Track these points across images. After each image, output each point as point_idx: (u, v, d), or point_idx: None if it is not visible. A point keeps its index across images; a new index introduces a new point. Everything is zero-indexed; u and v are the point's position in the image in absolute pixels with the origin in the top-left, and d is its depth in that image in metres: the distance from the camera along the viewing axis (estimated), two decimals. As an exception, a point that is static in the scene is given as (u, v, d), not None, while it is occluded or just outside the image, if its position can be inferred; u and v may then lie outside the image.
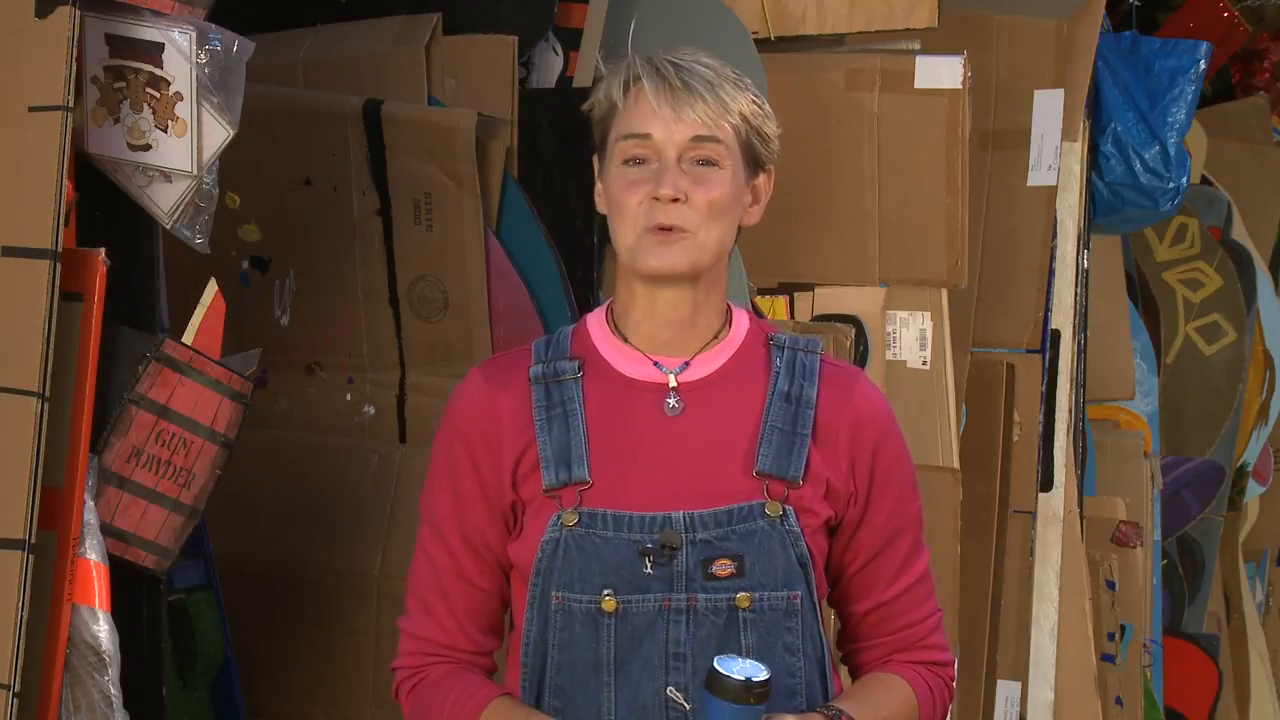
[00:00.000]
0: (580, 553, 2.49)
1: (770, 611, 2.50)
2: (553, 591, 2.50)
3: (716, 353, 2.57)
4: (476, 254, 3.63)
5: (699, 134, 2.50)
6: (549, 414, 2.53)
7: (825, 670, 2.56)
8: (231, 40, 2.85)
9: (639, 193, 2.50)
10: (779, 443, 2.52)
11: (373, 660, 3.64)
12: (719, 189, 2.51)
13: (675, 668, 2.48)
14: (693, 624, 2.49)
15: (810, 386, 2.55)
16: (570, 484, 2.51)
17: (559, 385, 2.55)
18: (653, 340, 2.56)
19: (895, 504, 2.60)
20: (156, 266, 2.99)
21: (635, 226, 2.50)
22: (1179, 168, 4.93)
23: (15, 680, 2.66)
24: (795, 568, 2.51)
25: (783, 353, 2.58)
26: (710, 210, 2.50)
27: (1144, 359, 5.78)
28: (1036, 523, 4.71)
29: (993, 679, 4.63)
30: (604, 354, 2.57)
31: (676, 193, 2.48)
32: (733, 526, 2.50)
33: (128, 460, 2.86)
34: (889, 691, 2.59)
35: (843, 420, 2.56)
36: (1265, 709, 6.65)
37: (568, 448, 2.51)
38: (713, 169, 2.51)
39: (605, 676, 2.49)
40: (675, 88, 2.50)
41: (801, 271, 4.15)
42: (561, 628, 2.50)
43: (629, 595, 2.48)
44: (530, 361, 2.57)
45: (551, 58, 3.84)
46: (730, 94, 2.52)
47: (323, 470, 3.73)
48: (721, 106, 2.50)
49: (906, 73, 4.10)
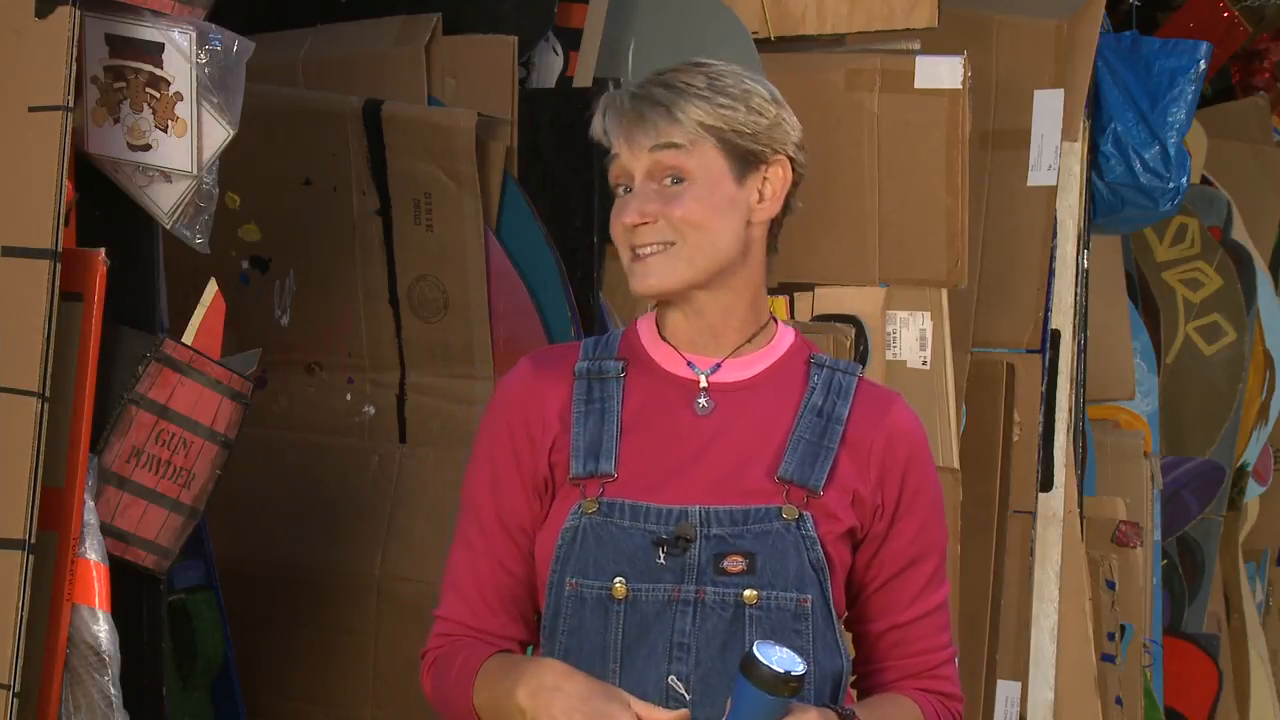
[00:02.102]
0: (597, 540, 2.51)
1: (778, 611, 2.50)
2: (567, 578, 2.52)
3: (753, 359, 2.58)
4: (476, 254, 3.63)
5: (657, 144, 2.51)
6: (587, 408, 2.56)
7: (840, 684, 2.55)
8: (231, 40, 2.85)
9: (619, 219, 2.55)
10: (804, 452, 2.53)
11: (373, 660, 3.64)
12: (689, 205, 2.51)
13: (678, 658, 2.49)
14: (699, 616, 2.50)
15: (844, 405, 2.56)
16: (595, 475, 2.53)
17: (601, 382, 2.57)
18: (689, 340, 2.58)
19: (922, 525, 2.60)
20: (156, 266, 2.99)
21: (624, 251, 2.55)
22: (1179, 168, 4.93)
23: (15, 680, 2.66)
24: (808, 572, 2.51)
25: (821, 371, 2.59)
26: (687, 224, 2.51)
27: (1144, 359, 5.78)
28: (1036, 523, 4.71)
29: (993, 679, 4.63)
30: (649, 350, 2.60)
31: (642, 218, 2.51)
32: (748, 526, 2.51)
33: (128, 460, 2.86)
34: (902, 711, 2.60)
35: (876, 434, 2.57)
36: (1265, 709, 6.66)
37: (599, 440, 2.54)
38: (682, 185, 2.52)
39: (611, 663, 2.50)
40: (625, 113, 2.53)
41: (801, 271, 4.15)
42: (572, 613, 2.52)
43: (640, 584, 2.50)
44: (578, 356, 2.60)
45: (551, 58, 3.84)
46: (692, 102, 2.51)
47: (323, 470, 3.73)
48: (673, 122, 2.51)
49: (906, 73, 4.10)
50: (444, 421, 3.67)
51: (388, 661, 3.61)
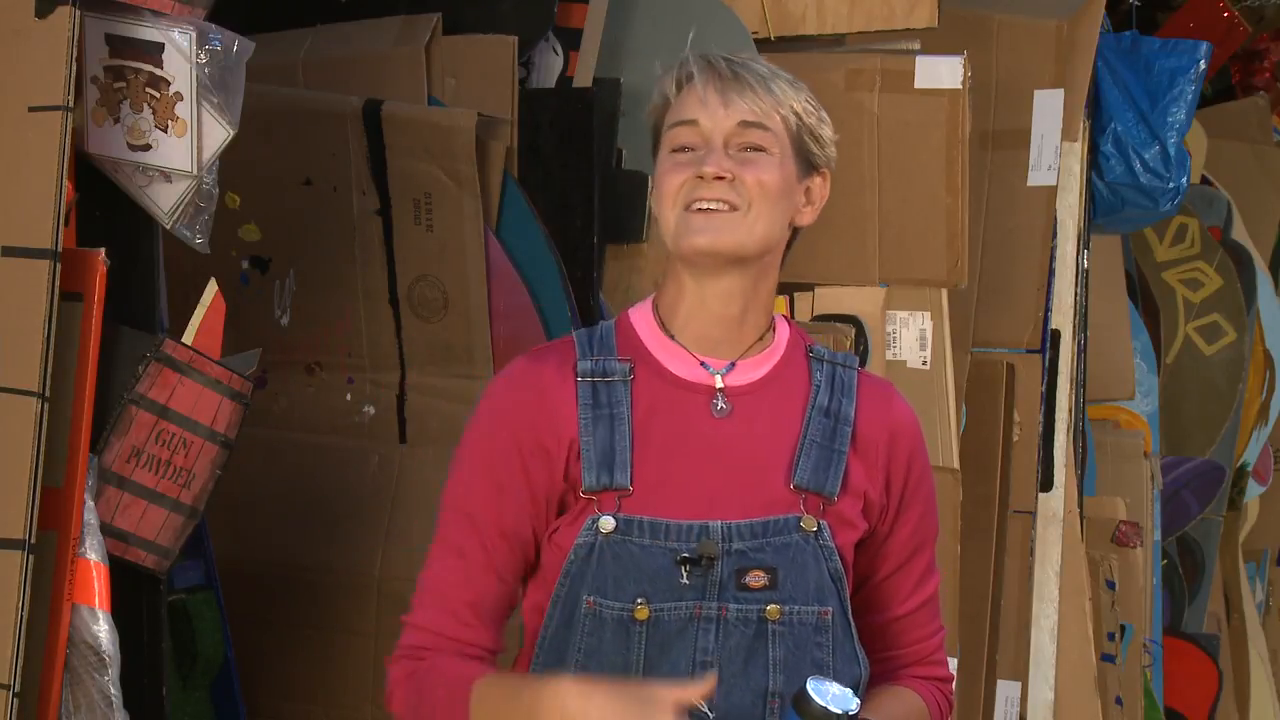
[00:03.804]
0: (615, 559, 2.46)
1: (800, 626, 2.49)
2: (584, 595, 2.47)
3: (762, 358, 2.55)
4: (476, 254, 3.63)
5: (746, 119, 2.49)
6: (595, 414, 2.49)
7: (859, 691, 2.53)
8: (231, 40, 2.85)
9: (683, 174, 2.48)
10: (817, 457, 2.52)
11: (373, 660, 3.64)
12: (768, 172, 2.49)
13: (701, 675, 2.45)
14: (722, 633, 2.47)
15: (849, 403, 2.55)
16: (611, 489, 2.48)
17: (607, 385, 2.51)
18: (701, 339, 2.53)
19: (922, 516, 2.61)
20: (156, 266, 2.99)
21: (675, 206, 2.48)
22: (1179, 168, 4.93)
23: (15, 680, 2.66)
24: (828, 583, 2.50)
25: (823, 366, 2.57)
26: (760, 190, 2.48)
27: (1144, 359, 5.78)
28: (1036, 523, 4.71)
29: (993, 679, 4.63)
30: (653, 352, 2.54)
31: (721, 171, 2.47)
32: (768, 539, 2.48)
33: (128, 460, 2.86)
34: (906, 707, 2.60)
35: (881, 433, 2.56)
36: (1265, 709, 6.65)
37: (611, 451, 2.48)
38: (761, 154, 2.50)
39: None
40: (725, 77, 2.50)
41: (801, 271, 4.15)
42: (590, 633, 2.48)
43: (662, 603, 2.46)
44: (574, 355, 2.53)
45: (551, 58, 3.84)
46: (783, 89, 2.52)
47: (323, 470, 3.73)
48: (772, 98, 2.50)
49: (906, 73, 4.10)
50: (444, 421, 3.67)
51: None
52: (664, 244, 2.53)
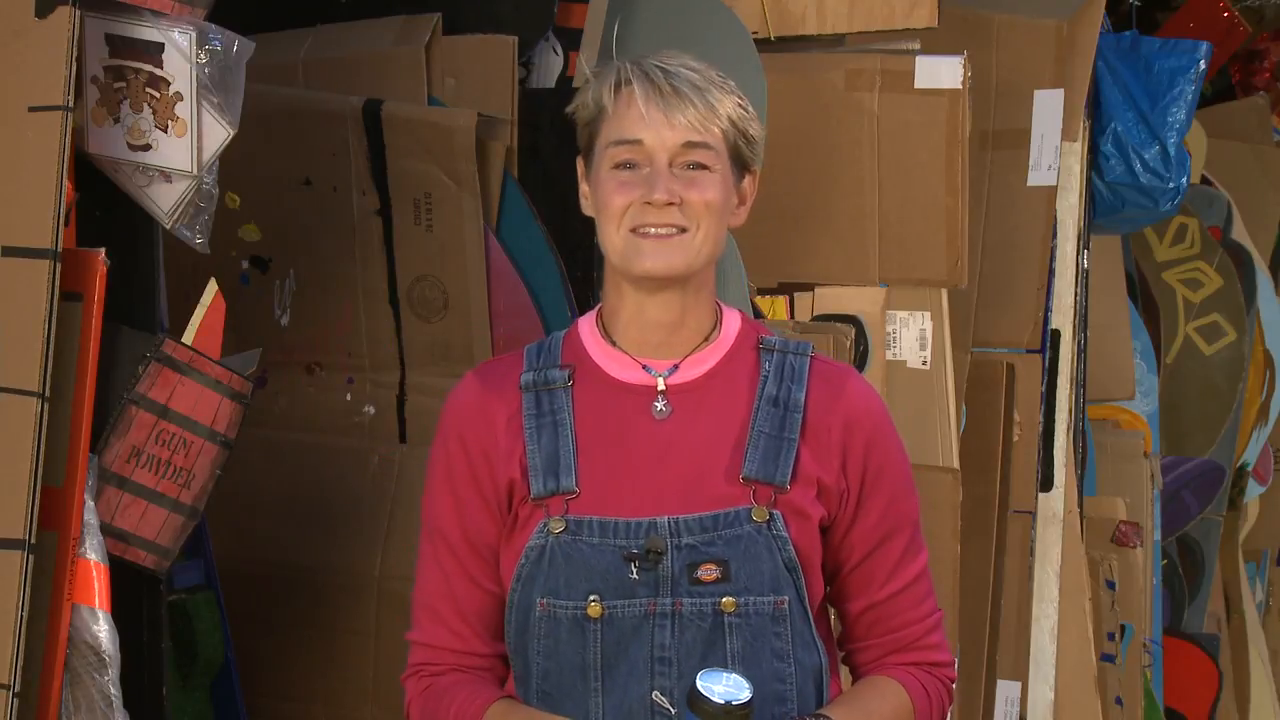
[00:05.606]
0: (566, 560, 2.49)
1: (756, 617, 2.50)
2: (537, 598, 2.50)
3: (706, 355, 2.57)
4: (476, 254, 3.63)
5: (690, 139, 2.51)
6: (538, 422, 2.54)
7: (822, 678, 2.55)
8: (231, 40, 2.85)
9: (629, 195, 2.51)
10: (765, 447, 2.52)
11: (373, 660, 3.64)
12: (712, 191, 2.52)
13: (661, 672, 2.48)
14: (678, 629, 2.49)
15: (799, 390, 2.55)
16: (558, 493, 2.51)
17: (549, 393, 2.55)
18: (641, 343, 2.56)
19: (888, 503, 2.59)
20: (156, 266, 2.99)
21: (621, 227, 2.51)
22: (1179, 168, 4.93)
23: (15, 680, 2.66)
24: (783, 573, 2.51)
25: (772, 356, 2.58)
26: (706, 210, 2.51)
27: (1144, 359, 5.78)
28: (1036, 523, 4.71)
29: (993, 679, 4.63)
30: (594, 358, 2.57)
31: (671, 197, 2.49)
32: (719, 532, 2.50)
33: (128, 460, 2.86)
34: (882, 697, 2.58)
35: (834, 419, 2.56)
36: (1265, 709, 6.66)
37: (556, 457, 2.52)
38: (704, 172, 2.52)
39: (592, 682, 2.49)
40: (665, 93, 2.51)
41: (801, 271, 4.15)
42: (546, 634, 2.51)
43: (614, 601, 2.49)
44: (523, 368, 2.58)
45: (551, 58, 3.84)
46: (718, 97, 2.52)
47: (323, 470, 3.73)
48: (710, 111, 2.51)
49: (906, 73, 4.10)
50: (444, 421, 3.67)
51: (388, 661, 3.61)
52: (606, 255, 2.55)
